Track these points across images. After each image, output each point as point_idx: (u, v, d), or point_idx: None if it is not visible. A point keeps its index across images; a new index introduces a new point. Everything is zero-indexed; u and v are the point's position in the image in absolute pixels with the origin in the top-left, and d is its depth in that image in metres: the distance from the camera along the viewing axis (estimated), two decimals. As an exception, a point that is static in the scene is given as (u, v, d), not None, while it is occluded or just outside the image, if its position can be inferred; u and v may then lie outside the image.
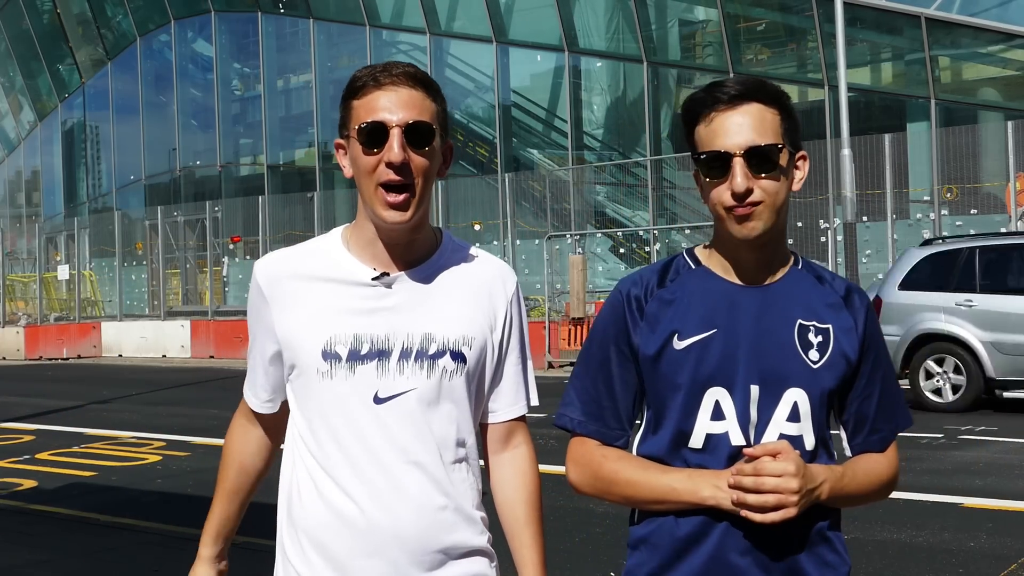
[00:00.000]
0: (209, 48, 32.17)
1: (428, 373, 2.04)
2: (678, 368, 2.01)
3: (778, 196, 1.99)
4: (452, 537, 2.06)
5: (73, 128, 36.88)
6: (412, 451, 2.03)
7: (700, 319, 2.03)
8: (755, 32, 23.41)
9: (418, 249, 2.10)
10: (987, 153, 18.80)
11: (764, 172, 1.96)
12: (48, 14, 36.36)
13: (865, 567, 5.94)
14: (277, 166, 31.08)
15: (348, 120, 2.05)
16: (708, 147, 1.99)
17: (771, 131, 1.98)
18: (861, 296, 2.11)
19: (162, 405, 15.07)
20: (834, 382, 2.03)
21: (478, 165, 26.56)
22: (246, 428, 2.29)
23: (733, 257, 2.06)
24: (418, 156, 2.00)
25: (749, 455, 1.92)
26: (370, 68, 2.05)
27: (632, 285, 2.10)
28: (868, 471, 2.08)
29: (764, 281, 2.06)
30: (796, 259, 2.12)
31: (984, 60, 20.82)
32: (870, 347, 2.08)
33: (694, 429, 2.00)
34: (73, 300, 30.09)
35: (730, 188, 1.96)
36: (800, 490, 1.88)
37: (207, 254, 27.96)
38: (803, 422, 2.00)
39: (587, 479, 2.09)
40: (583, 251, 21.43)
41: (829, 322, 2.05)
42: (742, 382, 1.99)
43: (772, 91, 2.01)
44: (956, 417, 11.51)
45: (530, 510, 2.17)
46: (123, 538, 6.98)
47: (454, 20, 26.93)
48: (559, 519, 6.90)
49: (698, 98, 2.02)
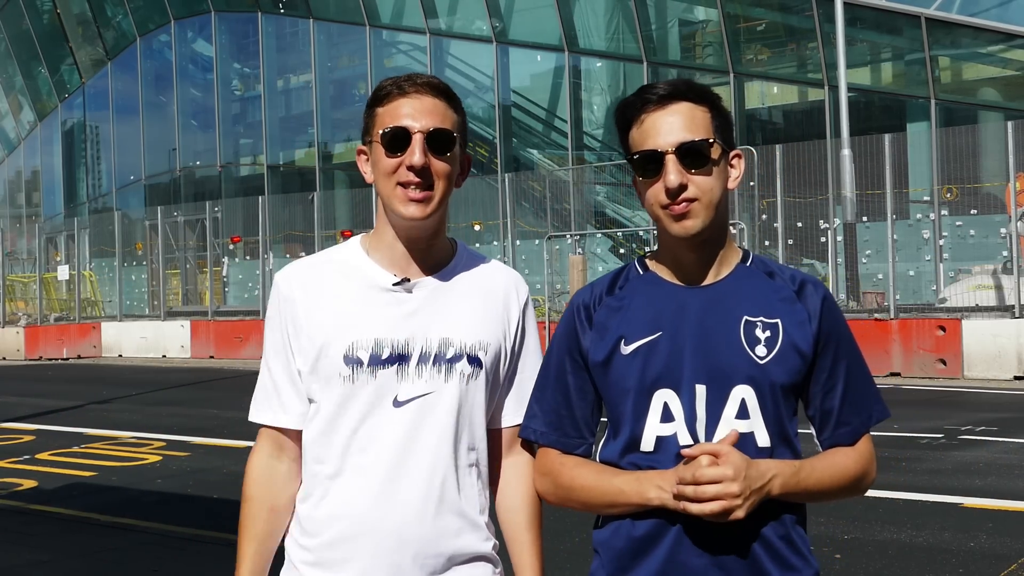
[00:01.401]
0: (209, 48, 32.17)
1: (446, 377, 2.08)
2: (626, 372, 2.04)
3: (713, 193, 2.01)
4: (457, 542, 2.09)
5: (73, 128, 36.87)
6: (426, 453, 2.06)
7: (646, 323, 2.06)
8: (755, 32, 23.41)
9: (436, 255, 2.15)
10: (987, 153, 18.78)
11: (696, 168, 2.00)
12: (48, 14, 36.36)
13: (865, 567, 5.94)
14: (277, 166, 31.08)
15: (372, 126, 2.10)
16: (640, 147, 2.02)
17: (702, 128, 2.01)
18: (816, 288, 2.10)
19: (162, 405, 15.06)
20: (785, 377, 2.02)
21: (478, 165, 26.55)
22: (272, 465, 2.17)
23: (675, 258, 2.09)
24: (438, 161, 2.06)
25: (687, 455, 1.93)
26: (394, 78, 2.11)
27: (582, 295, 2.16)
28: (831, 465, 2.06)
29: (709, 280, 2.08)
30: (746, 256, 2.13)
31: (984, 60, 20.82)
32: (829, 339, 2.07)
33: (644, 432, 2.02)
34: (73, 300, 30.08)
35: (664, 185, 1.99)
36: (742, 492, 1.88)
37: (207, 254, 27.94)
38: (753, 419, 2.00)
39: (550, 488, 2.13)
40: (583, 251, 21.43)
41: (778, 316, 2.05)
42: (688, 382, 2.01)
43: (701, 90, 2.05)
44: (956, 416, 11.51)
45: (530, 515, 2.18)
46: (123, 538, 6.97)
47: (454, 20, 26.93)
48: (559, 519, 6.90)
49: (629, 102, 2.06)
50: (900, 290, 17.94)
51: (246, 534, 2.16)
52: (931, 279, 18.43)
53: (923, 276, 18.61)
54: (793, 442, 2.06)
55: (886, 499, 7.41)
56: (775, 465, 1.96)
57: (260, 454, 2.18)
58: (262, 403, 2.18)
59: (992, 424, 11.06)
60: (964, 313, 16.67)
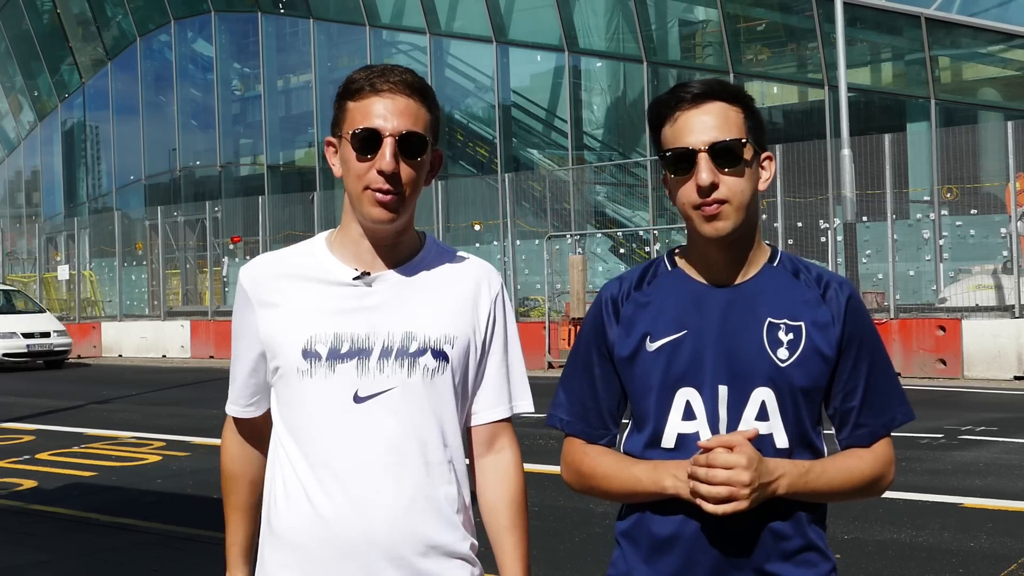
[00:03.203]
0: (209, 48, 32.17)
1: (409, 371, 2.04)
2: (651, 369, 2.06)
3: (744, 194, 2.01)
4: (430, 542, 2.04)
5: (73, 128, 36.87)
6: (391, 451, 2.02)
7: (671, 321, 2.07)
8: (755, 32, 23.40)
9: (402, 250, 2.12)
10: (987, 153, 18.78)
11: (728, 167, 2.00)
12: (48, 14, 36.36)
13: (865, 567, 5.94)
14: (277, 166, 31.07)
15: (342, 121, 2.06)
16: (673, 145, 2.02)
17: (735, 128, 2.01)
18: (842, 288, 2.09)
19: (162, 405, 15.07)
20: (806, 380, 2.02)
21: (478, 165, 26.56)
22: (243, 443, 2.28)
23: (703, 257, 2.09)
24: (408, 166, 2.03)
25: (703, 447, 1.95)
26: (367, 71, 2.05)
27: (611, 288, 2.17)
28: (844, 467, 2.06)
29: (735, 280, 2.08)
30: (774, 255, 2.13)
31: (984, 60, 20.82)
32: (852, 340, 2.06)
33: (666, 429, 2.04)
34: (73, 300, 30.09)
35: (695, 183, 1.99)
36: (751, 483, 1.90)
37: (207, 254, 27.95)
38: (772, 420, 2.01)
39: (573, 476, 2.17)
40: (583, 251, 21.43)
41: (802, 319, 2.05)
42: (710, 382, 2.02)
43: (735, 90, 2.05)
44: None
45: (512, 515, 2.15)
46: (123, 538, 6.97)
47: (454, 20, 26.93)
48: (559, 519, 6.90)
49: (663, 100, 2.06)
50: (900, 290, 17.95)
51: (230, 505, 2.30)
52: (931, 279, 18.43)
53: (923, 276, 18.60)
54: (815, 443, 2.06)
55: (886, 499, 7.40)
56: (784, 465, 1.98)
57: (230, 436, 2.29)
58: (231, 395, 2.26)
59: (992, 424, 11.06)
60: (964, 313, 16.68)
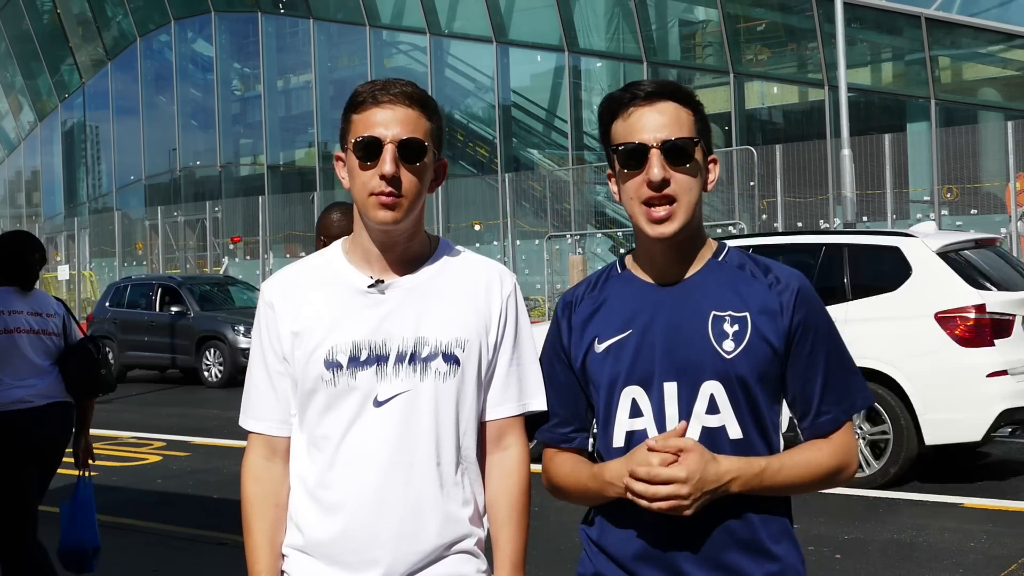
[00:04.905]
0: (209, 48, 32.17)
1: (421, 376, 2.11)
2: (599, 370, 2.11)
3: (692, 193, 2.06)
4: (439, 538, 2.12)
5: (73, 128, 36.88)
6: (406, 452, 2.10)
7: (619, 322, 2.11)
8: (755, 32, 23.40)
9: (413, 256, 2.18)
10: (987, 153, 18.79)
11: (680, 165, 2.04)
12: (48, 14, 36.36)
13: (865, 567, 5.94)
14: (277, 166, 31.08)
15: (347, 134, 2.14)
16: (625, 140, 2.06)
17: (687, 128, 2.06)
18: (791, 279, 2.10)
19: (162, 405, 15.07)
20: (754, 370, 2.04)
21: (478, 165, 26.56)
22: (267, 466, 2.20)
23: (649, 256, 2.13)
24: (409, 171, 2.10)
25: (652, 448, 1.98)
26: (371, 84, 2.13)
27: (568, 295, 2.24)
28: (803, 461, 2.07)
29: (681, 278, 2.11)
30: (719, 250, 2.16)
31: (984, 60, 20.82)
32: (805, 330, 2.08)
33: (615, 428, 2.09)
34: (73, 300, 30.08)
35: (647, 178, 2.03)
36: (691, 494, 1.94)
37: (207, 254, 27.97)
38: (723, 413, 2.04)
39: (548, 484, 2.25)
40: (583, 251, 21.43)
41: (747, 309, 2.07)
42: (658, 379, 2.06)
43: (687, 93, 2.11)
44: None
45: (510, 511, 2.19)
46: (123, 538, 6.97)
47: (454, 20, 26.93)
48: (558, 519, 6.90)
49: (616, 96, 2.11)
50: (900, 290, 17.90)
51: (255, 530, 2.17)
52: (931, 279, 18.39)
53: (923, 276, 18.56)
54: (769, 433, 2.09)
55: (886, 499, 7.41)
56: (736, 466, 2.00)
57: (254, 455, 2.22)
58: (249, 410, 2.23)
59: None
60: (964, 313, 16.63)
